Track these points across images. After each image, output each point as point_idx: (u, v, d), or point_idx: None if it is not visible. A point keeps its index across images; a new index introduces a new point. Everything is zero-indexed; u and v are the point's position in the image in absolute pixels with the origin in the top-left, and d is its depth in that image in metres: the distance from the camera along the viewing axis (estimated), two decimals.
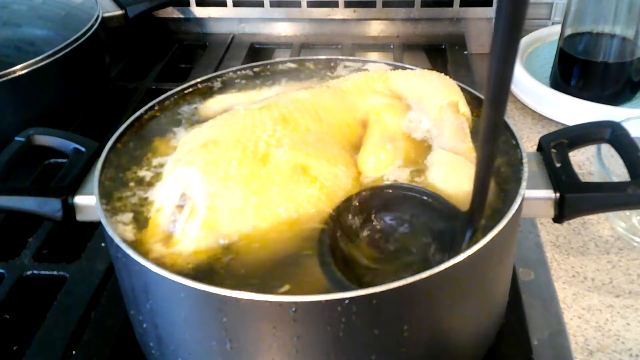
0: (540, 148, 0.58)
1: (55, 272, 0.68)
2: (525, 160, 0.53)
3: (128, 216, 0.53)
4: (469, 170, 0.53)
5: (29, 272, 0.69)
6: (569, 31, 0.96)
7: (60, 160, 0.84)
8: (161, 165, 0.57)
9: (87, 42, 0.91)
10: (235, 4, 1.18)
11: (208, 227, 0.49)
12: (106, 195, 0.54)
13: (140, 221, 0.52)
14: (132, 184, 0.56)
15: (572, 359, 0.58)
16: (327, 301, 0.42)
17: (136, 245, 0.50)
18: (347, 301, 0.42)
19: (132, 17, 1.08)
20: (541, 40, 1.10)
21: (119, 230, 0.51)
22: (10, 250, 0.71)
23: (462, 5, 1.11)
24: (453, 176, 0.53)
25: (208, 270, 0.48)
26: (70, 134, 0.62)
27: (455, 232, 0.47)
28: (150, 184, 0.56)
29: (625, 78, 0.94)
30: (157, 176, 0.56)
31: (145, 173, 0.57)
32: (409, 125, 0.60)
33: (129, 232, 0.51)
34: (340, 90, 0.63)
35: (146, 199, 0.54)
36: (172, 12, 1.21)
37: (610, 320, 0.63)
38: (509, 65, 0.35)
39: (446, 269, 0.43)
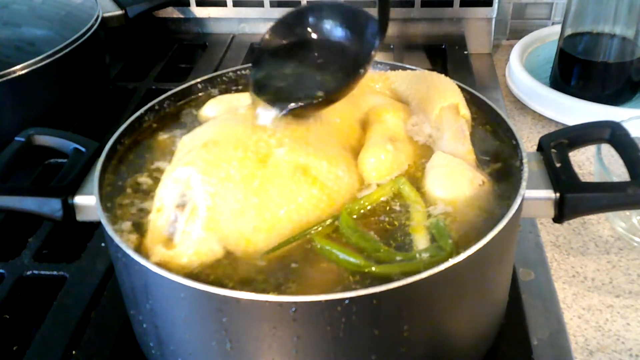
0: (540, 148, 0.58)
1: (55, 272, 0.68)
2: (525, 160, 0.53)
3: (129, 220, 0.53)
4: (467, 174, 0.53)
5: (29, 272, 0.69)
6: (569, 31, 0.96)
7: (60, 160, 0.84)
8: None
9: (87, 42, 0.91)
10: (235, 4, 1.18)
11: (209, 227, 0.49)
12: (107, 197, 0.54)
13: (141, 223, 0.52)
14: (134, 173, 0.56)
15: (572, 359, 0.58)
16: (327, 301, 0.42)
17: (137, 246, 0.50)
18: (347, 301, 0.42)
19: (132, 17, 1.07)
20: (541, 40, 1.10)
21: (119, 231, 0.51)
22: (10, 250, 0.71)
23: (462, 5, 1.11)
24: (451, 179, 0.53)
25: (208, 270, 0.48)
26: (70, 134, 0.62)
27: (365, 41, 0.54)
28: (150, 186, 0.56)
29: (625, 78, 0.94)
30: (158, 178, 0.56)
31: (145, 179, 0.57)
32: (412, 129, 0.60)
33: (130, 234, 0.51)
34: None
35: (146, 200, 0.54)
36: (172, 12, 1.21)
37: (610, 320, 0.63)
38: None
39: (446, 269, 0.43)
